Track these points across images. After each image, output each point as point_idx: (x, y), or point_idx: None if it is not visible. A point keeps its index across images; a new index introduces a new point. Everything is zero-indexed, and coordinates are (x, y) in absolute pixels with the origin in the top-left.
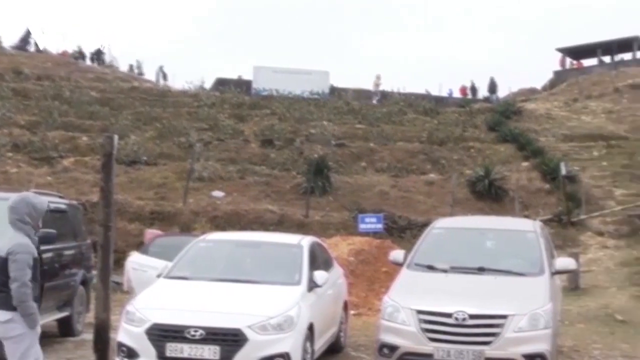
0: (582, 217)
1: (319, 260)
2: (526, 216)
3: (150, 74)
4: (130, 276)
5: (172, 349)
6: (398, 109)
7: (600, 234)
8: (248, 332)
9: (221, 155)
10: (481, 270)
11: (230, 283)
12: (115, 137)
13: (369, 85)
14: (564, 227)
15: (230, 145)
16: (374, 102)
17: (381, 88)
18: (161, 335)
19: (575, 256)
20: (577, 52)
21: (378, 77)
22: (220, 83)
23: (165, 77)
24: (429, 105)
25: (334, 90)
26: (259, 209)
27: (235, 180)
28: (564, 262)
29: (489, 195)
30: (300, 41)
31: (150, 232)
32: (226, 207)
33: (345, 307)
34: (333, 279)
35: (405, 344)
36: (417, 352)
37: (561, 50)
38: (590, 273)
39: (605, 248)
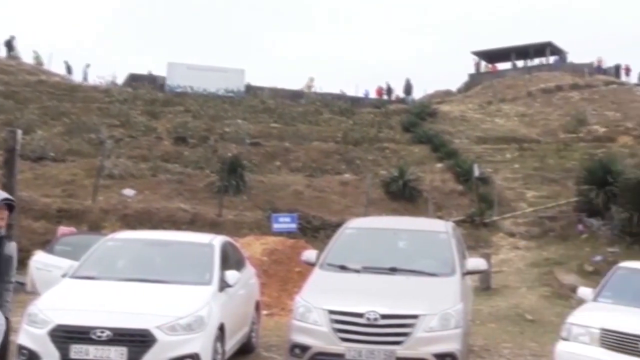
0: (494, 218)
1: (230, 260)
2: (439, 217)
3: (59, 68)
4: (34, 276)
5: (76, 350)
6: (314, 108)
7: (512, 235)
8: (156, 333)
9: (133, 152)
10: (393, 270)
11: (139, 283)
12: (19, 131)
13: (285, 85)
14: (477, 228)
15: (142, 142)
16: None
17: (314, 90)
18: (65, 336)
19: (486, 257)
20: (492, 56)
21: (311, 79)
22: (133, 79)
23: (70, 70)
24: (345, 106)
25: (249, 88)
26: (171, 208)
27: (147, 178)
28: (475, 262)
29: (403, 195)
30: (216, 39)
31: (63, 230)
32: (137, 205)
33: (258, 307)
34: (245, 279)
35: (317, 344)
36: (329, 352)
37: (476, 53)
38: (502, 273)
39: (516, 249)
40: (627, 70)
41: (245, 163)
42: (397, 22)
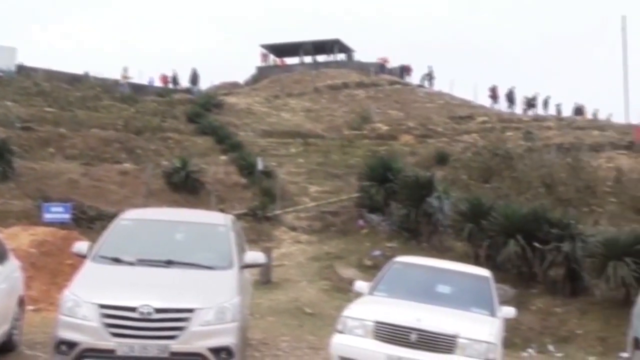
0: (277, 212)
1: None
2: (222, 210)
3: None
4: None
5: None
6: (94, 94)
7: (294, 229)
8: None
9: None
10: (169, 263)
11: None
12: None
13: (60, 67)
14: (259, 221)
15: None
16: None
17: (129, 81)
18: None
19: (267, 250)
20: (281, 50)
21: (125, 70)
22: None
23: None
24: (127, 93)
25: (21, 68)
26: None
27: None
28: (254, 256)
29: (185, 187)
30: None
31: None
32: None
33: (21, 302)
34: (6, 273)
35: (86, 340)
36: (98, 348)
37: (265, 46)
38: (283, 267)
39: (298, 243)
40: (409, 71)
41: (15, 148)
42: (188, 13)
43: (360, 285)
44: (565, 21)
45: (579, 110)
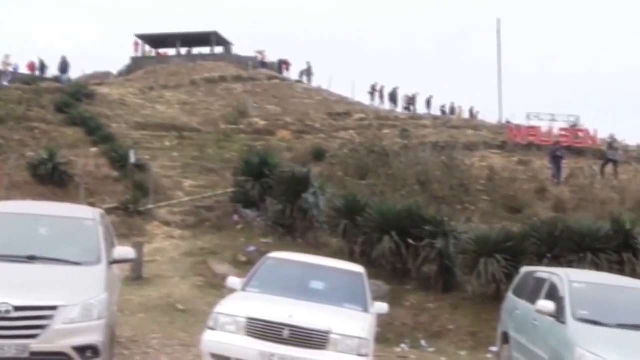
0: (150, 206)
1: None
2: (91, 203)
3: None
4: None
5: None
6: None
7: (167, 224)
8: None
9: None
10: (32, 259)
11: None
12: None
13: None
14: (131, 216)
15: None
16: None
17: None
18: None
19: (138, 246)
20: (157, 41)
21: (7, 57)
22: None
23: None
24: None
25: None
26: None
27: None
28: (123, 251)
29: (52, 180)
30: None
31: None
32: None
33: None
34: None
35: None
36: None
37: (140, 37)
38: (155, 263)
39: (171, 238)
40: (287, 66)
41: None
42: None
43: (233, 281)
44: (446, 21)
45: (454, 110)
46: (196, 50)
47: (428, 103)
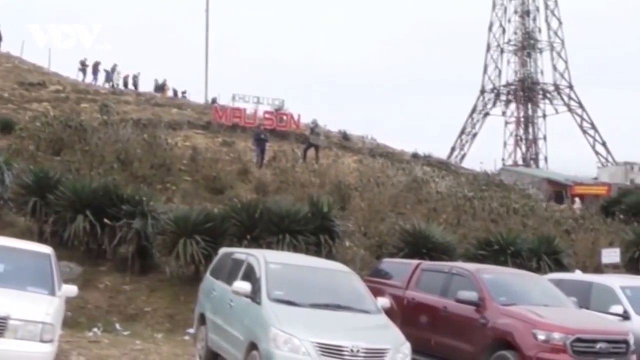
0: None
1: None
2: None
3: None
4: None
5: None
6: None
7: None
8: None
9: None
10: None
11: None
12: None
13: None
14: None
15: None
16: None
17: None
18: None
19: None
20: None
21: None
22: None
23: None
24: None
25: None
26: None
27: None
28: None
29: None
30: None
31: None
32: None
33: None
34: None
35: None
36: None
37: None
38: None
39: None
40: None
41: None
42: None
43: None
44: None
45: (160, 87)
46: None
47: (135, 81)
